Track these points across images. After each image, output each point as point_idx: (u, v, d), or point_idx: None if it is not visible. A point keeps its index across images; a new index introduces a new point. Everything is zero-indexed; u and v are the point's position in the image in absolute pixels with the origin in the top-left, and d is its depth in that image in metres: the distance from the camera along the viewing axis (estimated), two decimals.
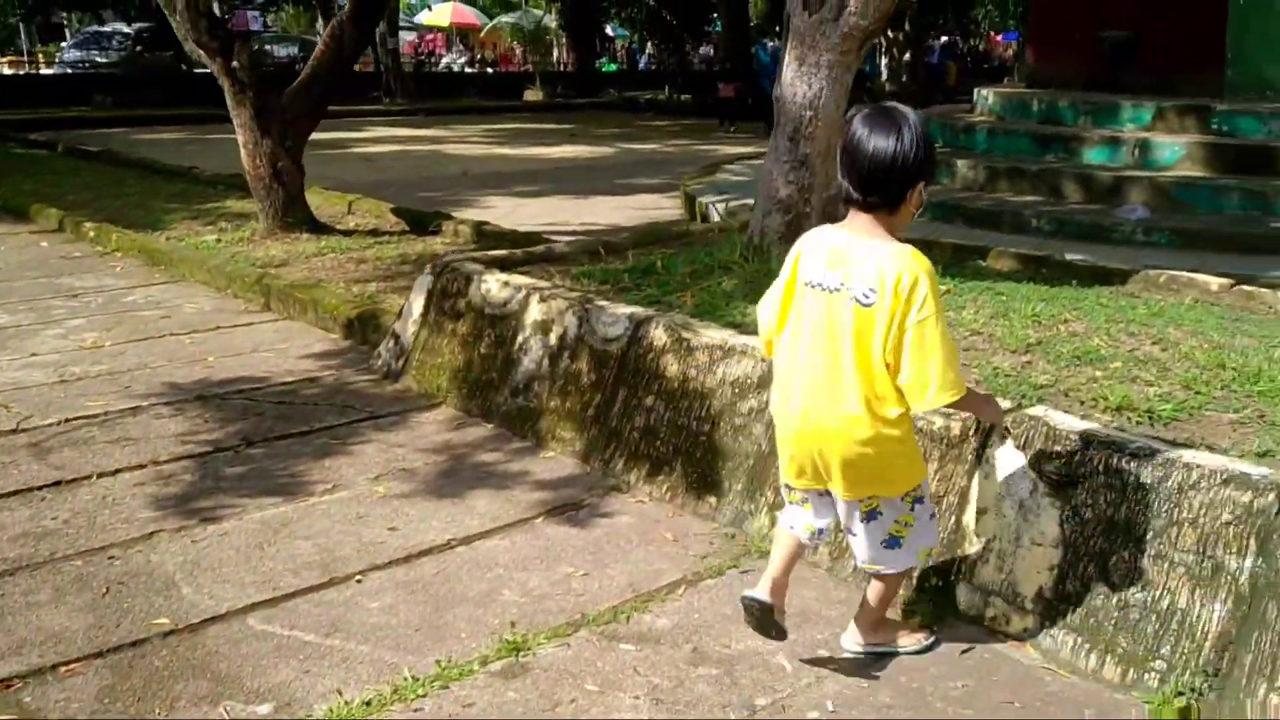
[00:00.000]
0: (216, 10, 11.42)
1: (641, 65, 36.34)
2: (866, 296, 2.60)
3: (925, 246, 5.95)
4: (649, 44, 33.59)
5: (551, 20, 33.83)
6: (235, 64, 8.06)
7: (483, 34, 37.22)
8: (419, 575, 3.42)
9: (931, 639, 3.03)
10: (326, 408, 4.95)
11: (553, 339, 4.62)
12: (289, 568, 3.45)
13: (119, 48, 28.43)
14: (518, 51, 36.54)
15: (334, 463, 4.32)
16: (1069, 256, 5.72)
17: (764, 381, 3.80)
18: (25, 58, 36.92)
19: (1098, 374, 3.72)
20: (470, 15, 37.72)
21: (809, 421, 2.73)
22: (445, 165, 15.28)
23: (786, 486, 2.93)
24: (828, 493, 2.83)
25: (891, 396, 2.65)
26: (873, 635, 2.97)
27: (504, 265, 5.48)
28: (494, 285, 5.02)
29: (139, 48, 28.15)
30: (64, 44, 33.40)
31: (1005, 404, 3.29)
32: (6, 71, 33.61)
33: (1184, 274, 5.01)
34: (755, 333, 3.24)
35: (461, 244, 8.01)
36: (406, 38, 42.14)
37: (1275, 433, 3.18)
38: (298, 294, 6.57)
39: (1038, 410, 3.21)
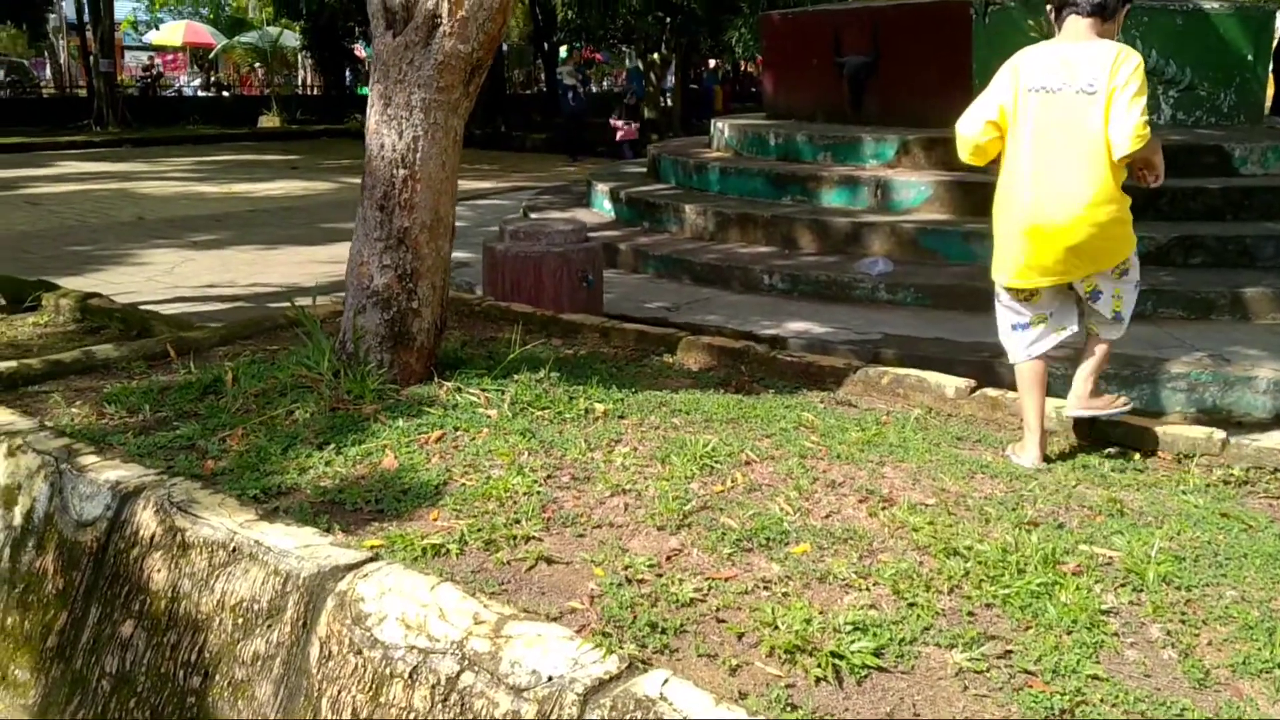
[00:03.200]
0: None
1: None
2: (1090, 86, 3.10)
3: (604, 334, 4.70)
4: None
5: (294, 40, 31.29)
6: None
7: (212, 55, 34.13)
8: None
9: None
10: None
11: (17, 516, 3.08)
12: None
13: None
14: (260, 74, 33.79)
15: None
16: (788, 327, 4.62)
17: (277, 608, 2.43)
18: None
19: (773, 569, 2.51)
20: (205, 34, 34.44)
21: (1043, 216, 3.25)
22: (124, 209, 13.08)
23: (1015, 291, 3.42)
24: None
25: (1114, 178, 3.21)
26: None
27: (9, 384, 3.89)
28: None
29: None
30: None
31: (609, 665, 2.03)
32: None
33: (913, 374, 3.91)
34: (295, 512, 2.74)
35: (60, 324, 6.28)
36: (143, 59, 38.95)
37: (1021, 699, 2.03)
38: None
39: (651, 685, 1.96)
